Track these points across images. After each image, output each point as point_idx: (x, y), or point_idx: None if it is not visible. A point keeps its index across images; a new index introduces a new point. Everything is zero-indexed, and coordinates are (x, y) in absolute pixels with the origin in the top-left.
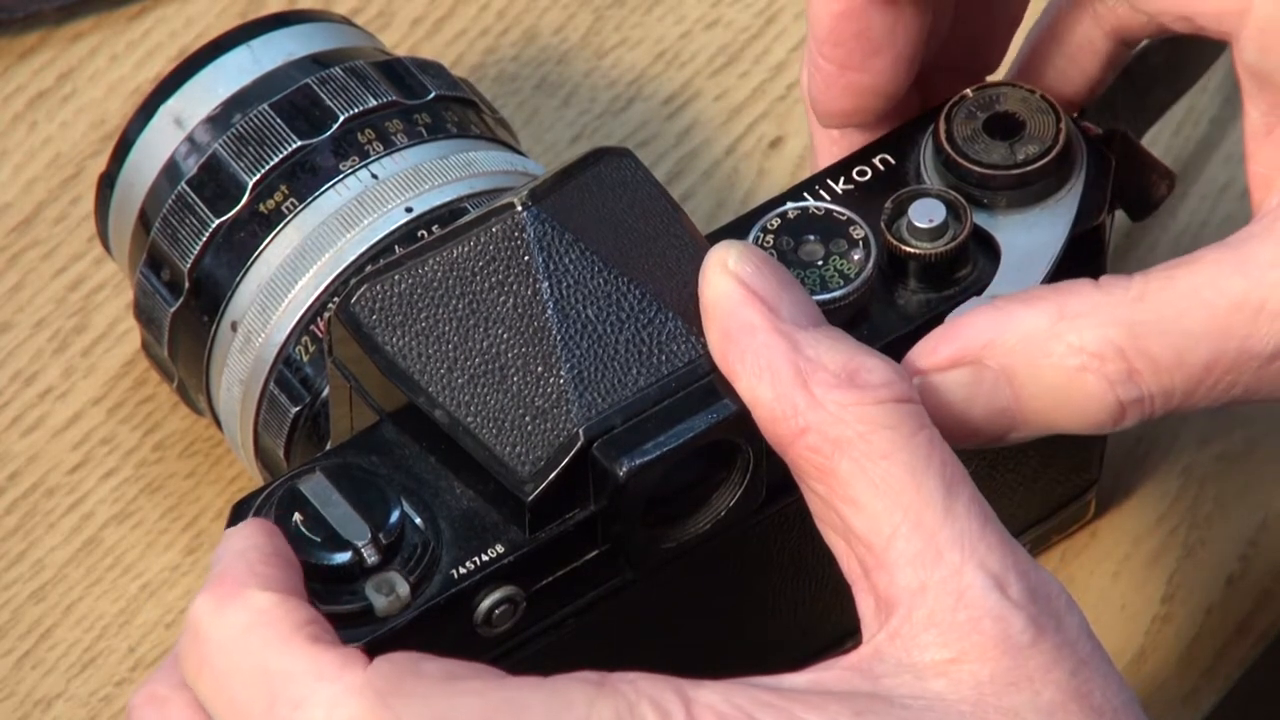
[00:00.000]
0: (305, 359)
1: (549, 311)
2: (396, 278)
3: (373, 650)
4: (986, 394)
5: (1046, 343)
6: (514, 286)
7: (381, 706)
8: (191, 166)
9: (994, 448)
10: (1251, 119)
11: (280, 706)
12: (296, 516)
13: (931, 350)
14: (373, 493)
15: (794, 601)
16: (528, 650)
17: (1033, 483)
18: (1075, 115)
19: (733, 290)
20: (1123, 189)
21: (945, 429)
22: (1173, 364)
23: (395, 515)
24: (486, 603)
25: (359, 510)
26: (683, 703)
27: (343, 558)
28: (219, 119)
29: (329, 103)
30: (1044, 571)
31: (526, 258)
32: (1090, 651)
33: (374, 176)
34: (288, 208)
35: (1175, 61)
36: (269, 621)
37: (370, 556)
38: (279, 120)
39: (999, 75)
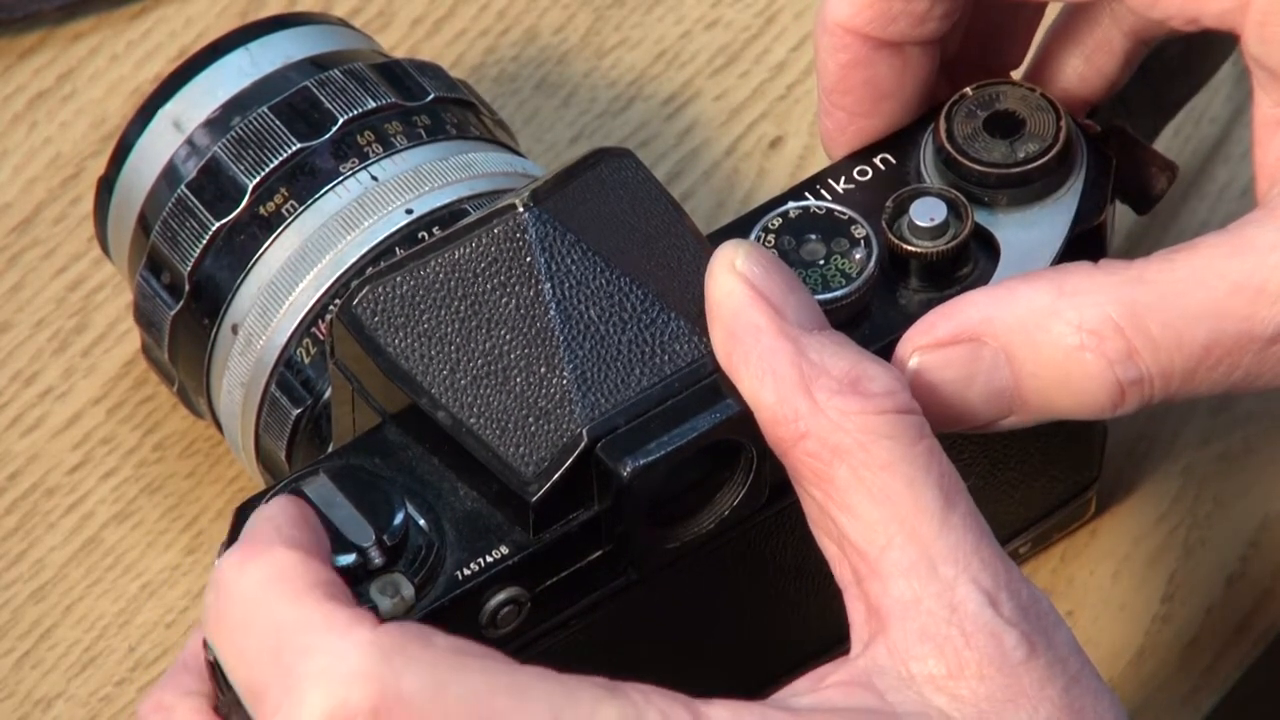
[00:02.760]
0: (306, 361)
1: (551, 312)
2: (398, 279)
3: None
4: (985, 373)
5: (1045, 319)
6: (516, 287)
7: (384, 662)
8: (191, 169)
9: (996, 444)
10: (1262, 109)
11: (286, 654)
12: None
13: (929, 327)
14: (376, 495)
15: (797, 600)
16: (533, 651)
17: (1034, 480)
18: (1088, 112)
19: (739, 291)
20: (1123, 183)
21: (942, 409)
22: (1172, 344)
23: (399, 517)
24: (491, 604)
25: (363, 512)
26: (691, 717)
27: (347, 560)
28: (218, 122)
29: (328, 105)
30: (1034, 587)
31: (528, 258)
32: (1080, 667)
33: (374, 178)
34: (288, 210)
35: (1191, 55)
36: (286, 577)
37: (375, 559)
38: (278, 123)
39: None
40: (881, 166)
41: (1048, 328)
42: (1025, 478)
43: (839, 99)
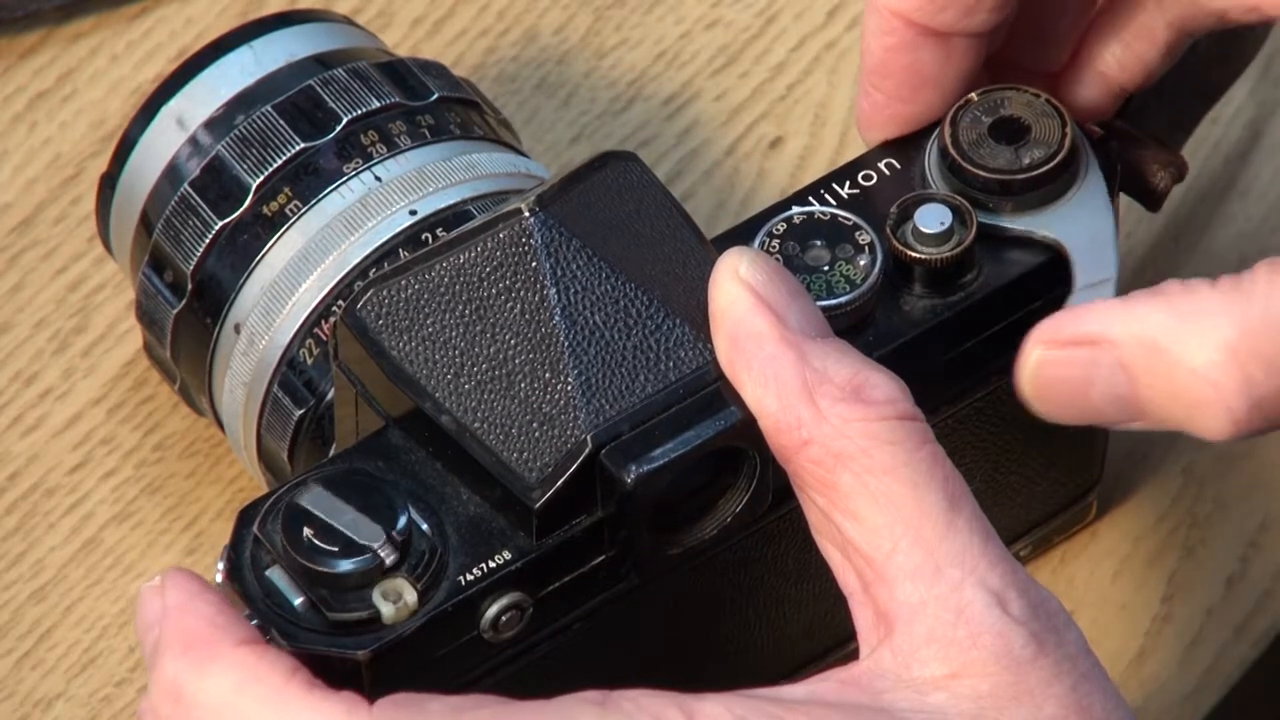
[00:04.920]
0: (309, 361)
1: (556, 317)
2: (403, 282)
3: (380, 657)
4: (1104, 379)
5: (1163, 341)
6: (521, 292)
7: None
8: (194, 168)
9: (997, 448)
10: None
11: None
12: (304, 522)
13: (1057, 325)
14: (379, 499)
15: (799, 604)
16: (534, 656)
17: (1035, 484)
18: (1126, 100)
19: (743, 298)
20: (1129, 182)
21: (1067, 405)
22: None
23: (402, 521)
24: (493, 609)
25: (366, 517)
26: (685, 716)
27: (348, 564)
28: (221, 120)
29: (332, 104)
30: (1043, 588)
31: (534, 263)
32: (1090, 667)
33: (377, 179)
34: (291, 210)
35: (1226, 42)
36: (259, 676)
37: (387, 558)
38: (282, 122)
39: None
40: (886, 172)
41: (1164, 350)
42: (1027, 481)
43: (879, 81)
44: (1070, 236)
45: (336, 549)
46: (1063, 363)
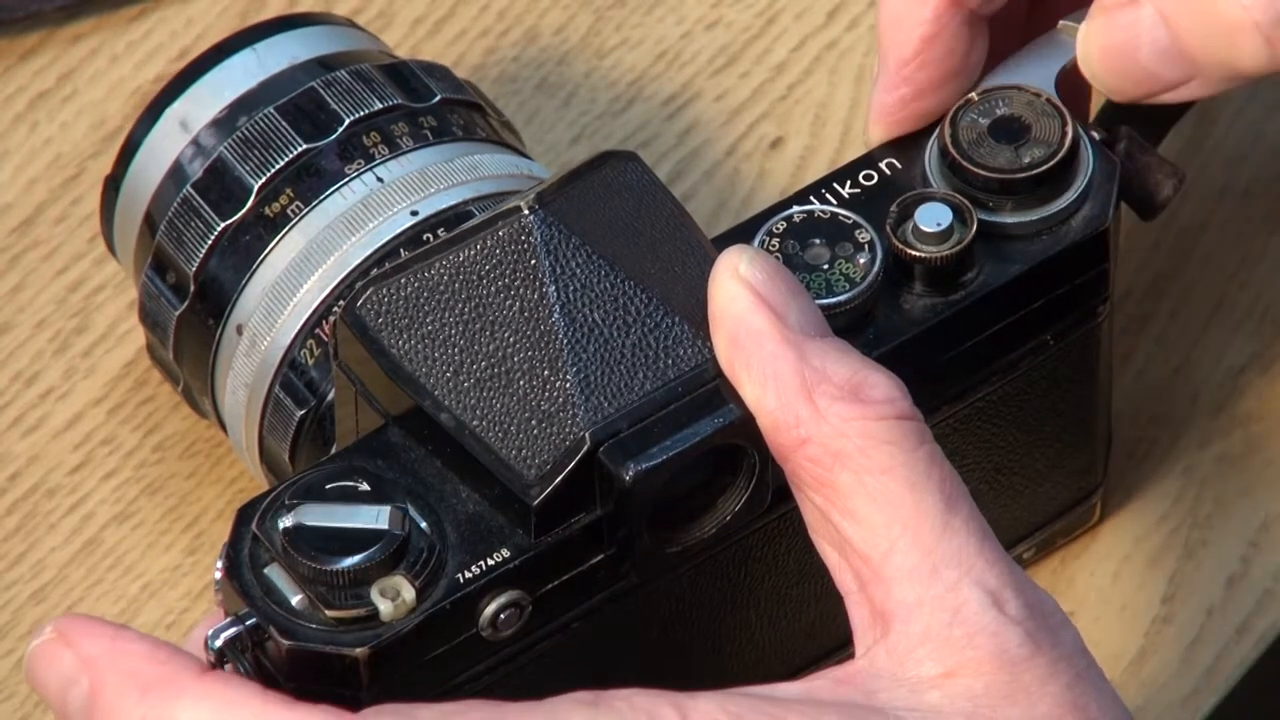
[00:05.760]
0: (310, 362)
1: (555, 315)
2: (403, 281)
3: (378, 654)
4: (1147, 37)
5: None
6: (520, 290)
7: None
8: (197, 170)
9: (1000, 449)
10: None
11: None
12: (302, 520)
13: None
14: (378, 496)
15: (799, 605)
16: (532, 654)
17: (1038, 486)
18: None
19: (742, 297)
20: (1130, 189)
21: (1124, 73)
22: None
23: (401, 519)
24: (492, 607)
25: (364, 515)
26: (679, 715)
27: (348, 563)
28: (224, 122)
29: (334, 106)
30: (1040, 588)
31: (533, 261)
32: (1086, 666)
33: (379, 180)
34: (293, 211)
35: None
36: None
37: (376, 561)
38: (284, 123)
39: None
40: (886, 171)
41: None
42: (1029, 483)
43: (912, 74)
44: None
45: (335, 546)
46: (1108, 30)
